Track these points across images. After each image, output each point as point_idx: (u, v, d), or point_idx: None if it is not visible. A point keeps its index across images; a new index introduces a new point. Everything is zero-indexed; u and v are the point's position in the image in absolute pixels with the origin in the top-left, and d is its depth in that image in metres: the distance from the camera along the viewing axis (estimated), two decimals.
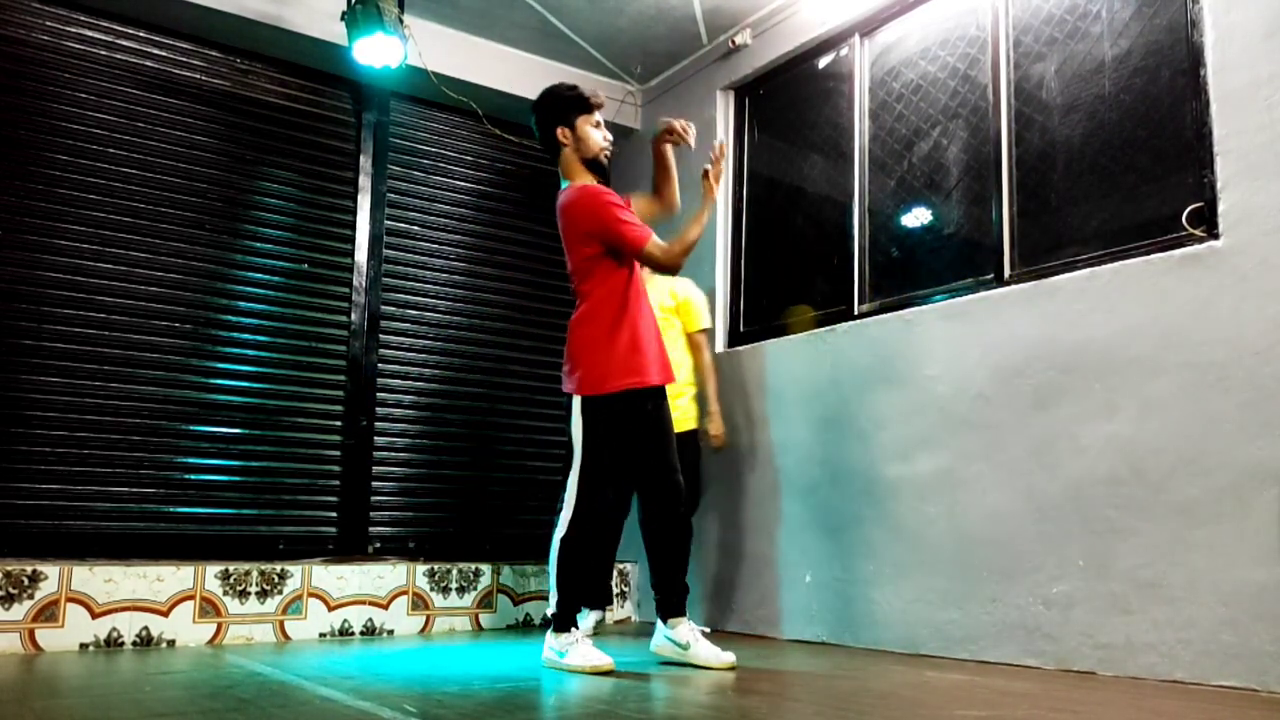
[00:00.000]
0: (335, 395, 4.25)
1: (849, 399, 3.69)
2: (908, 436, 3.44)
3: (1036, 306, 3.10)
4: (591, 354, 2.90)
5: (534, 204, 4.91)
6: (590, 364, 2.90)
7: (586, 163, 3.03)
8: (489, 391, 4.66)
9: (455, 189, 4.73)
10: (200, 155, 4.06)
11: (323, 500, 4.17)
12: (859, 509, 3.59)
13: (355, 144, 4.45)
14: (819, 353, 3.85)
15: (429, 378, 4.52)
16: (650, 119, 4.95)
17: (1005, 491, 3.11)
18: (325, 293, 4.29)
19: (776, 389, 4.02)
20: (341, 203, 4.39)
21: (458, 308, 4.65)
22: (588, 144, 3.02)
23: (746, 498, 4.06)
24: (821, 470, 3.76)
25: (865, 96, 3.94)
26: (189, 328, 3.95)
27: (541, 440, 4.78)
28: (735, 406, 4.13)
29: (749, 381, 4.13)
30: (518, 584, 4.40)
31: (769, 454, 4.01)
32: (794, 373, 3.94)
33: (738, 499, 4.11)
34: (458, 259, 4.68)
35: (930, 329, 3.43)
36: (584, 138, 3.02)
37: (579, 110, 3.04)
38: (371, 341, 4.35)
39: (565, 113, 3.04)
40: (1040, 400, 3.05)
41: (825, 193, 4.10)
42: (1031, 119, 3.34)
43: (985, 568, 3.13)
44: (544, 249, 4.90)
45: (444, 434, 4.52)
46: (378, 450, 4.33)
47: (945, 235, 3.63)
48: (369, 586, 3.99)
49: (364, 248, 4.38)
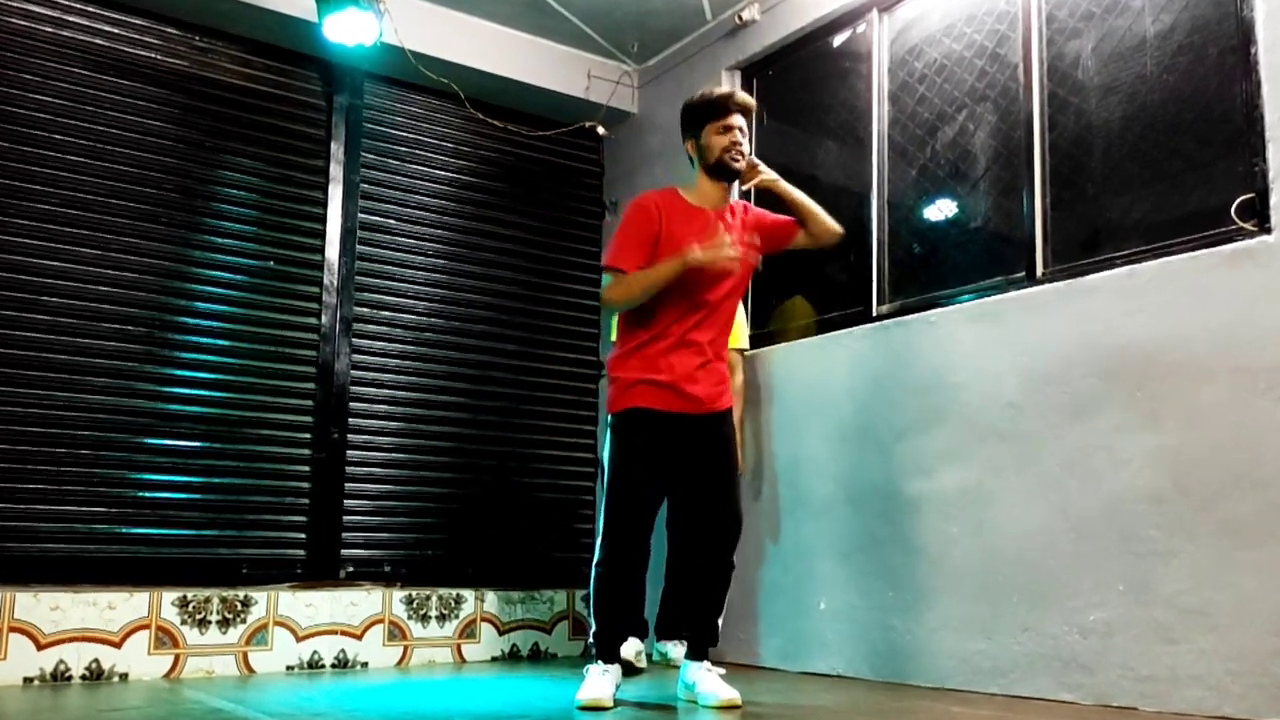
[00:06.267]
0: (304, 405, 4.24)
1: (866, 408, 3.69)
2: (931, 449, 3.44)
3: (1072, 307, 3.11)
4: (613, 369, 3.08)
5: (522, 195, 4.92)
6: (611, 379, 3.08)
7: (709, 170, 3.10)
8: (472, 401, 4.67)
9: (435, 179, 4.74)
10: (156, 142, 4.06)
11: (290, 520, 4.16)
12: (877, 529, 3.59)
13: (325, 130, 4.45)
14: (833, 358, 3.85)
15: (407, 385, 4.52)
16: (649, 102, 4.96)
17: (1037, 509, 3.12)
18: (292, 292, 4.29)
19: (786, 398, 4.02)
20: (310, 194, 4.39)
21: (438, 309, 4.65)
22: (709, 150, 3.09)
23: (754, 517, 4.06)
24: (836, 487, 3.77)
25: (884, 77, 3.95)
26: (143, 331, 3.94)
27: (529, 455, 4.78)
28: (742, 418, 4.12)
29: (756, 389, 4.13)
30: (504, 612, 4.40)
31: (778, 469, 4.01)
32: (806, 380, 3.95)
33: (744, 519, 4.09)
34: (438, 256, 4.68)
35: (956, 332, 3.43)
36: (706, 146, 3.10)
37: (706, 118, 3.10)
38: (343, 346, 4.35)
39: (691, 126, 3.13)
40: (1076, 409, 3.06)
41: (841, 183, 4.10)
42: (1066, 101, 3.35)
43: (1015, 593, 3.13)
44: (533, 244, 4.92)
45: (423, 447, 4.52)
46: (350, 465, 4.32)
47: (972, 229, 3.64)
48: (341, 614, 3.98)
49: (335, 243, 4.39)
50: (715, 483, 3.04)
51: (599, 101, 4.90)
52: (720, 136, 3.07)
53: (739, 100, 3.12)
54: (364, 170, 4.52)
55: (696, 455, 3.02)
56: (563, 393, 4.90)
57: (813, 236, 3.19)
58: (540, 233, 4.97)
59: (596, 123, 4.96)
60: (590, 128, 4.97)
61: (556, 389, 4.90)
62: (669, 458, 3.01)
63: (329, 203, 4.40)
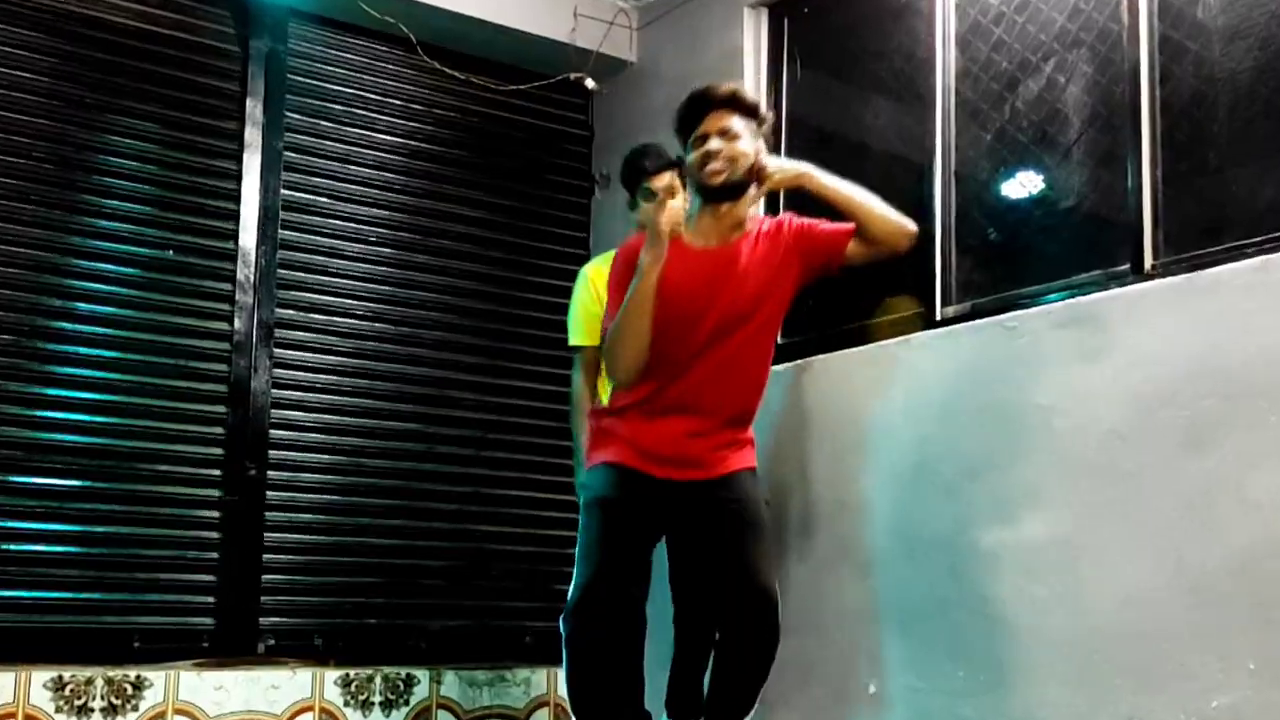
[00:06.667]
0: (211, 434, 4.25)
1: (929, 439, 3.68)
2: (1010, 490, 3.43)
3: (1189, 308, 3.10)
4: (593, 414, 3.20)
5: (490, 166, 4.93)
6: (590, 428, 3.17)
7: (701, 195, 3.11)
8: (426, 428, 4.67)
9: (379, 145, 4.74)
10: (26, 101, 4.07)
11: (194, 580, 4.16)
12: (943, 591, 3.58)
13: (240, 83, 4.46)
14: (887, 374, 3.84)
15: (343, 408, 4.52)
16: (651, 48, 4.95)
17: (1147, 566, 3.10)
18: (198, 290, 4.29)
19: (827, 425, 4.01)
20: (221, 164, 4.39)
21: (384, 311, 4.66)
22: (690, 170, 3.10)
23: (786, 577, 4.05)
24: (890, 538, 3.75)
25: (951, 16, 3.94)
26: (9, 339, 3.95)
27: (498, 497, 4.78)
28: (773, 446, 4.10)
29: (788, 415, 4.12)
30: (466, 697, 4.39)
31: (817, 516, 3.99)
32: (851, 402, 3.94)
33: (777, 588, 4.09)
34: (384, 243, 4.69)
35: (1042, 340, 3.42)
36: (688, 166, 3.12)
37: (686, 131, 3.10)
38: (262, 358, 4.36)
39: (679, 131, 3.14)
40: (1196, 438, 3.04)
41: (895, 150, 4.09)
42: (1182, 48, 3.34)
43: (1119, 672, 3.12)
44: (503, 229, 4.93)
45: (364, 487, 4.52)
46: (271, 510, 4.32)
47: (1062, 210, 3.64)
48: (259, 700, 3.97)
49: (251, 228, 4.40)
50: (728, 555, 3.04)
51: (587, 48, 4.91)
52: (695, 151, 3.06)
53: (713, 94, 3.08)
54: (289, 135, 4.53)
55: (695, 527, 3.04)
56: (541, 417, 4.87)
57: (870, 243, 3.14)
58: (513, 214, 4.98)
59: (584, 74, 4.97)
60: (576, 81, 4.98)
61: (533, 413, 4.89)
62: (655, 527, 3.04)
63: (244, 176, 4.41)
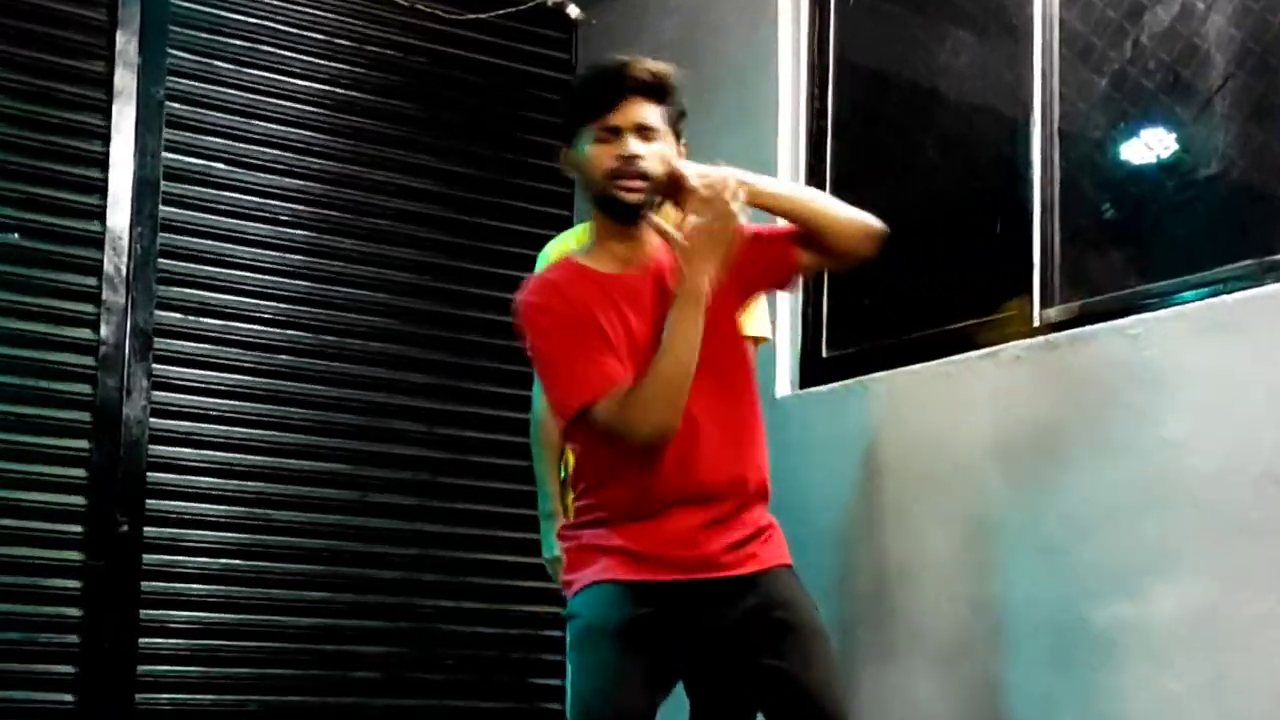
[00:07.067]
0: (71, 478, 4.29)
1: (1025, 483, 3.70)
2: (1134, 551, 3.43)
3: None
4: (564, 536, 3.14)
5: (437, 119, 5.01)
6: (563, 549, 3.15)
7: (599, 205, 3.04)
8: (356, 470, 4.71)
9: (297, 93, 4.80)
10: None
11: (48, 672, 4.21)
12: (1045, 683, 3.59)
13: (108, 10, 4.48)
14: (966, 397, 3.87)
15: (245, 443, 4.56)
16: None
17: None
18: (52, 287, 4.33)
19: (886, 463, 4.05)
20: (81, 119, 4.43)
21: (298, 314, 4.70)
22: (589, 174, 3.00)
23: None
24: (973, 612, 3.78)
25: None
26: None
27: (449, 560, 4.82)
28: (812, 494, 4.15)
29: (834, 453, 4.18)
30: None
31: (870, 582, 4.04)
32: (921, 433, 3.97)
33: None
34: (298, 223, 4.74)
35: (1175, 352, 3.43)
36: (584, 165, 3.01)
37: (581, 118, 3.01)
38: (138, 376, 4.38)
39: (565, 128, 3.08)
40: None
41: (978, 100, 4.14)
42: None
43: None
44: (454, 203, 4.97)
45: (272, 548, 4.56)
46: (150, 576, 4.36)
47: (1202, 180, 3.64)
48: None
49: (123, 203, 4.42)
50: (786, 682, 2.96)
51: None
52: (601, 147, 2.97)
53: (632, 75, 2.98)
54: (173, 80, 4.56)
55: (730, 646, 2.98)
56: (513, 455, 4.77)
57: (825, 251, 3.06)
58: (472, 184, 5.07)
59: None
60: (556, 7, 5.07)
61: (500, 449, 4.91)
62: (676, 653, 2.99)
63: (113, 135, 4.44)
